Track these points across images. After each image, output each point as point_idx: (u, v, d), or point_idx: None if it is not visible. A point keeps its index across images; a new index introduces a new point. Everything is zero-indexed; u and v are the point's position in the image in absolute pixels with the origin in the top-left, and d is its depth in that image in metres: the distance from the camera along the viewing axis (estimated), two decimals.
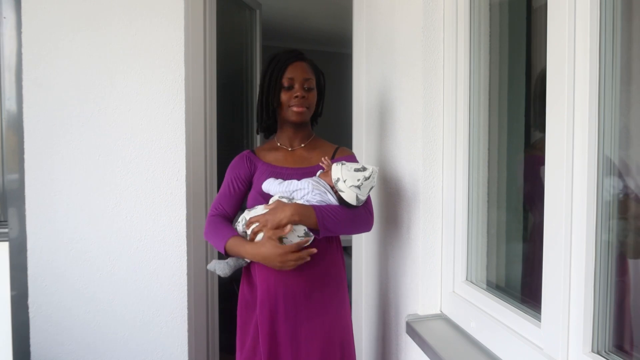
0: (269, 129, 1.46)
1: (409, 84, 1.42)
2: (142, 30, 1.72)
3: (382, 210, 1.67)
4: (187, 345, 1.79)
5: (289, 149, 1.44)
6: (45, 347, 1.73)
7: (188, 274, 1.78)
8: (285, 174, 1.36)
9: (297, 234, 1.22)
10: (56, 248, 1.72)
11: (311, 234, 1.24)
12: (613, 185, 0.85)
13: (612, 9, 0.83)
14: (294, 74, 1.36)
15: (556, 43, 0.89)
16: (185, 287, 1.78)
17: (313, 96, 1.40)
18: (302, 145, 1.45)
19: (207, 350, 1.91)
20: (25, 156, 1.69)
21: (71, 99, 1.70)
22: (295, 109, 1.36)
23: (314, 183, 1.26)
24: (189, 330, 1.80)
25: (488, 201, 1.30)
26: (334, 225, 1.24)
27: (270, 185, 1.30)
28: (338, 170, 1.23)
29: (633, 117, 0.86)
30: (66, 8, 1.69)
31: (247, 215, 1.29)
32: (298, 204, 1.24)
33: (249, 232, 1.26)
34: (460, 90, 1.32)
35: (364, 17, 1.85)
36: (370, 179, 1.24)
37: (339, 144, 1.50)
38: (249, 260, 1.32)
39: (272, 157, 1.42)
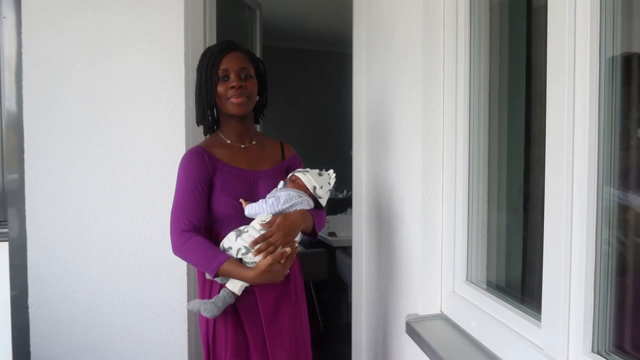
0: (212, 127, 1.39)
1: (409, 84, 1.42)
2: (142, 30, 1.72)
3: (382, 210, 1.67)
4: (187, 345, 1.79)
5: (241, 146, 1.37)
6: (45, 347, 1.73)
7: (188, 274, 1.78)
8: (252, 177, 1.33)
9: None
10: (56, 248, 1.72)
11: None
12: (613, 185, 0.85)
13: (612, 9, 0.83)
14: (229, 64, 1.28)
15: (556, 43, 0.89)
16: (185, 287, 1.78)
17: (252, 84, 1.31)
18: (254, 142, 1.40)
19: None
20: (25, 156, 1.69)
21: (71, 99, 1.70)
22: (233, 100, 1.27)
23: (297, 194, 1.27)
24: (189, 330, 1.80)
25: (488, 201, 1.30)
26: (319, 226, 1.35)
27: (259, 208, 1.24)
28: (311, 179, 1.29)
29: (633, 118, 0.86)
30: (65, 8, 1.69)
31: (244, 239, 1.20)
32: (300, 211, 1.27)
33: (253, 257, 1.19)
34: (460, 90, 1.32)
35: (364, 17, 1.85)
36: (332, 181, 1.35)
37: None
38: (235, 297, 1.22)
39: (228, 157, 1.33)
